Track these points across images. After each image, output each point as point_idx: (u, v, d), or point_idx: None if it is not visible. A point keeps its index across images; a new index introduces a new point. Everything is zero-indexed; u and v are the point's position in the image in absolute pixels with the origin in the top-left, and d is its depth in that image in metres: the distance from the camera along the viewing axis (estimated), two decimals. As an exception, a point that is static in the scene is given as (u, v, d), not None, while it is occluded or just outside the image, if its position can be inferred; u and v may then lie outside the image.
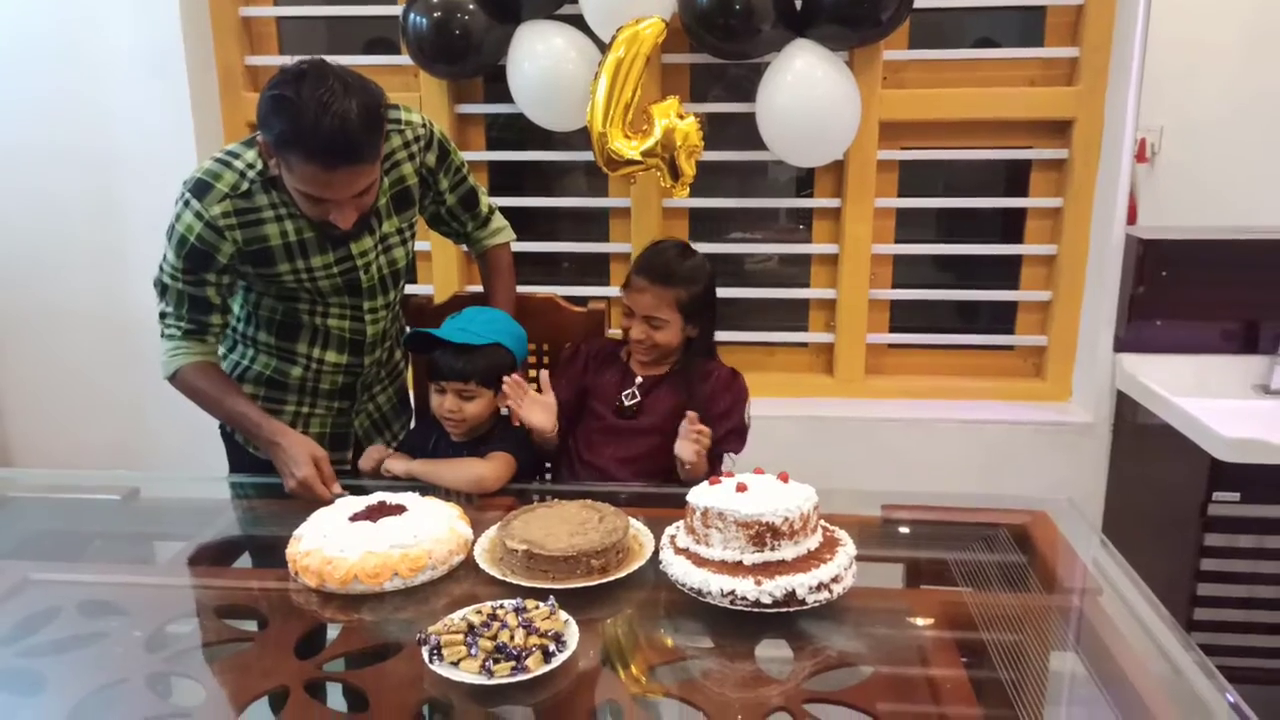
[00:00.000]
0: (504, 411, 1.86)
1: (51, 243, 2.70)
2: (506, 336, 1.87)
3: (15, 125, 2.63)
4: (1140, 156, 2.43)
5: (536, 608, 1.29)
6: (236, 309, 1.87)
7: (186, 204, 1.68)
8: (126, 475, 2.22)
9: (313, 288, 1.78)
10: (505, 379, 1.81)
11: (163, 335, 1.78)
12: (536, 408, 1.84)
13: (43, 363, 2.80)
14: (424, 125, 1.83)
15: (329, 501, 1.65)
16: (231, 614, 1.45)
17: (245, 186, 1.68)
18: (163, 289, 1.75)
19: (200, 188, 1.68)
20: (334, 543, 1.44)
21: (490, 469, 1.78)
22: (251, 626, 1.41)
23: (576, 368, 2.01)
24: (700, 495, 1.41)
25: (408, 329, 2.05)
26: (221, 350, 1.90)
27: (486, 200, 2.04)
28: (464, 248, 2.12)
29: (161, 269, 1.74)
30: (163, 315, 1.77)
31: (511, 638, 1.21)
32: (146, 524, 1.91)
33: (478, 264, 2.11)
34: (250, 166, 1.69)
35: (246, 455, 1.92)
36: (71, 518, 1.87)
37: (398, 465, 1.82)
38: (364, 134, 1.54)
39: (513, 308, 2.03)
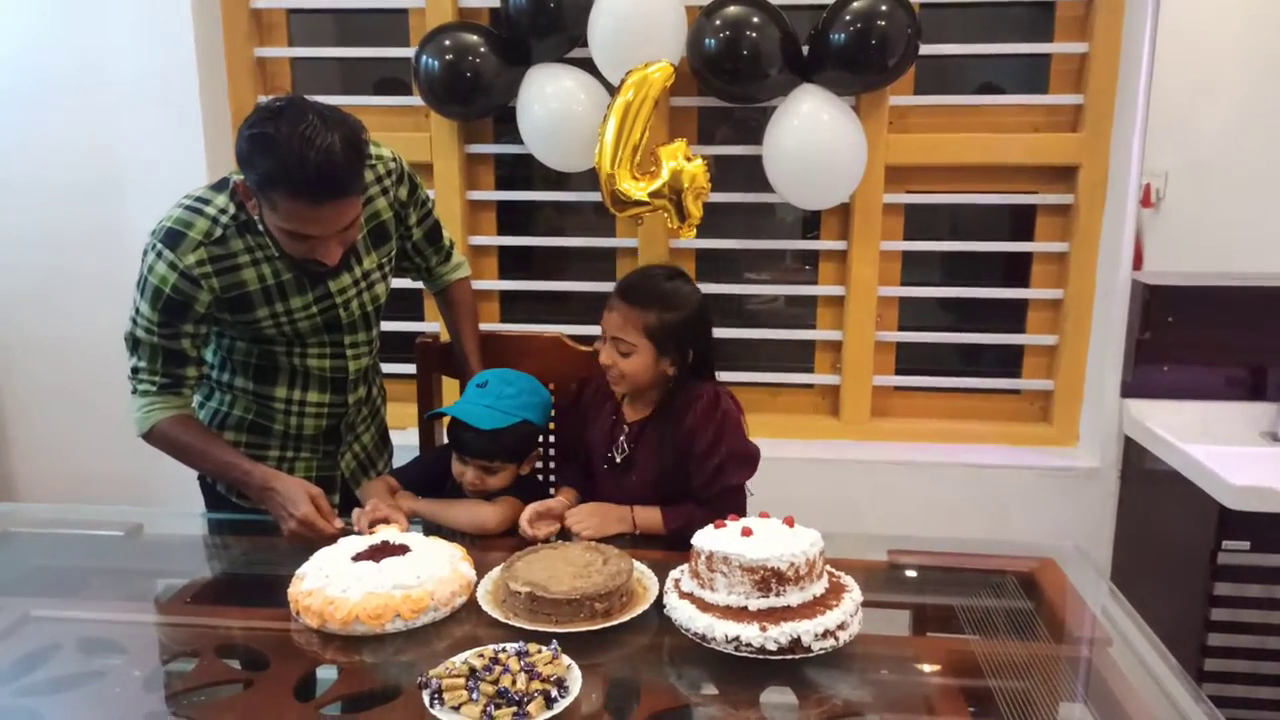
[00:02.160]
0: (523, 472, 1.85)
1: (61, 275, 2.71)
2: (534, 410, 1.82)
3: (29, 158, 2.65)
4: (1145, 201, 2.43)
5: (539, 652, 1.28)
6: (210, 356, 1.82)
7: (159, 255, 1.63)
8: (129, 511, 2.22)
9: (291, 330, 1.75)
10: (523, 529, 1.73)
11: (134, 391, 1.71)
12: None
13: (50, 394, 2.81)
14: (394, 159, 1.82)
15: (332, 536, 1.63)
16: (231, 654, 1.44)
17: (219, 233, 1.64)
18: (134, 343, 1.69)
19: (172, 237, 1.63)
20: (336, 583, 1.43)
21: (494, 512, 1.77)
22: (251, 667, 1.39)
23: (575, 416, 1.93)
24: (705, 539, 1.40)
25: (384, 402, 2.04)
26: (198, 399, 1.86)
27: (448, 235, 2.02)
28: (422, 284, 2.10)
29: (134, 323, 1.68)
30: (134, 371, 1.71)
31: (514, 682, 1.20)
32: (149, 560, 1.90)
33: (437, 300, 2.09)
34: (222, 211, 1.65)
35: (226, 504, 1.88)
36: (74, 553, 1.86)
37: (403, 504, 1.80)
38: (349, 166, 1.52)
39: (479, 344, 2.03)
